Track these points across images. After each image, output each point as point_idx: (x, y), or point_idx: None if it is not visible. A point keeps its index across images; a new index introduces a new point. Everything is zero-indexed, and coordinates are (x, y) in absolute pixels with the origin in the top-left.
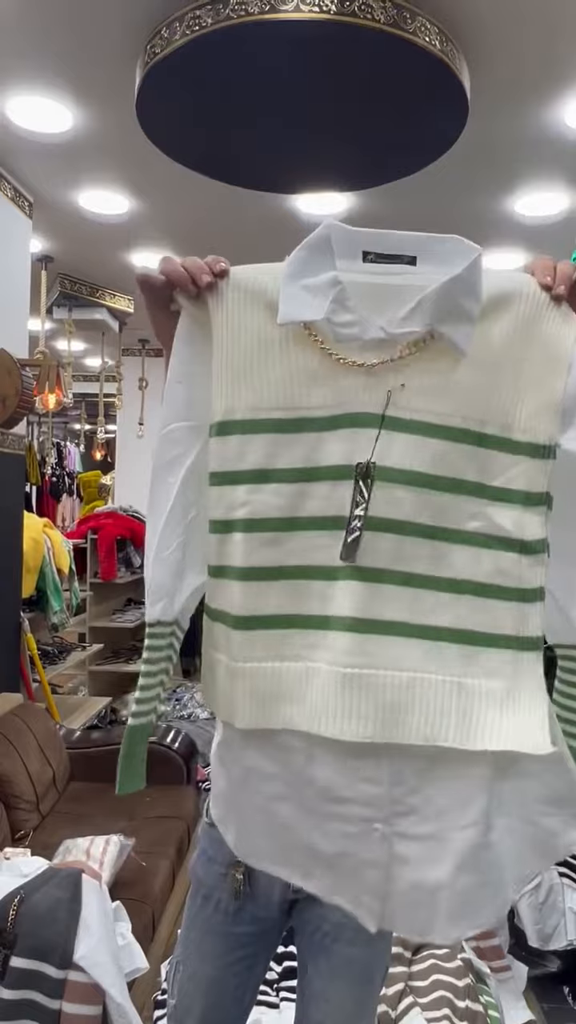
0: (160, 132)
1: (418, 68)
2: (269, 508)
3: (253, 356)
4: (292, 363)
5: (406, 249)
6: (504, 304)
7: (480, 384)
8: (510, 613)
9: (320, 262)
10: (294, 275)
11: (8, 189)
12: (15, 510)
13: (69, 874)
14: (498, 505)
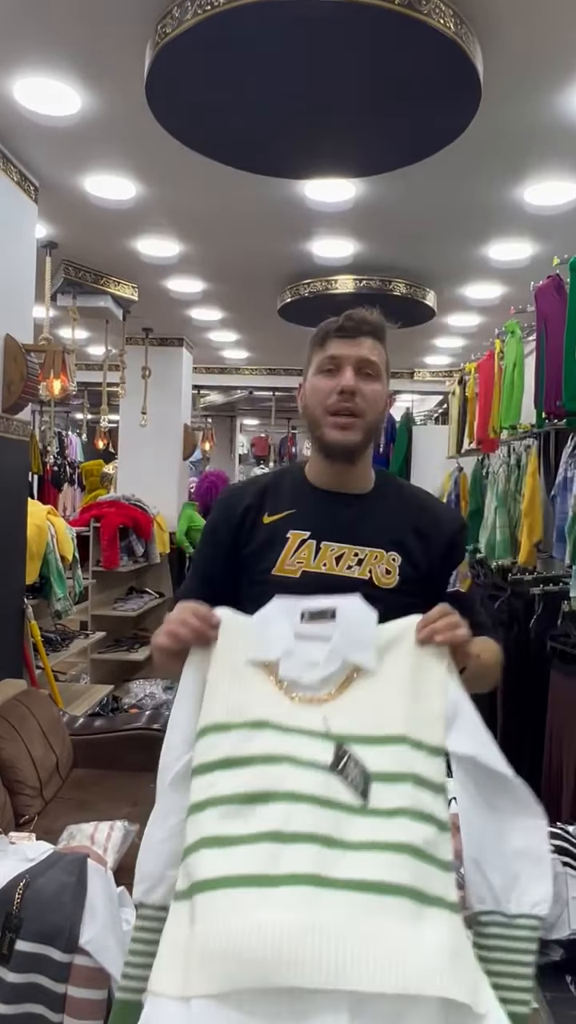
0: (169, 115)
1: (431, 51)
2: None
3: (231, 683)
4: (254, 690)
5: (329, 608)
6: (397, 644)
7: (390, 704)
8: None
9: (277, 619)
10: (260, 626)
11: (14, 173)
12: (19, 496)
13: (75, 859)
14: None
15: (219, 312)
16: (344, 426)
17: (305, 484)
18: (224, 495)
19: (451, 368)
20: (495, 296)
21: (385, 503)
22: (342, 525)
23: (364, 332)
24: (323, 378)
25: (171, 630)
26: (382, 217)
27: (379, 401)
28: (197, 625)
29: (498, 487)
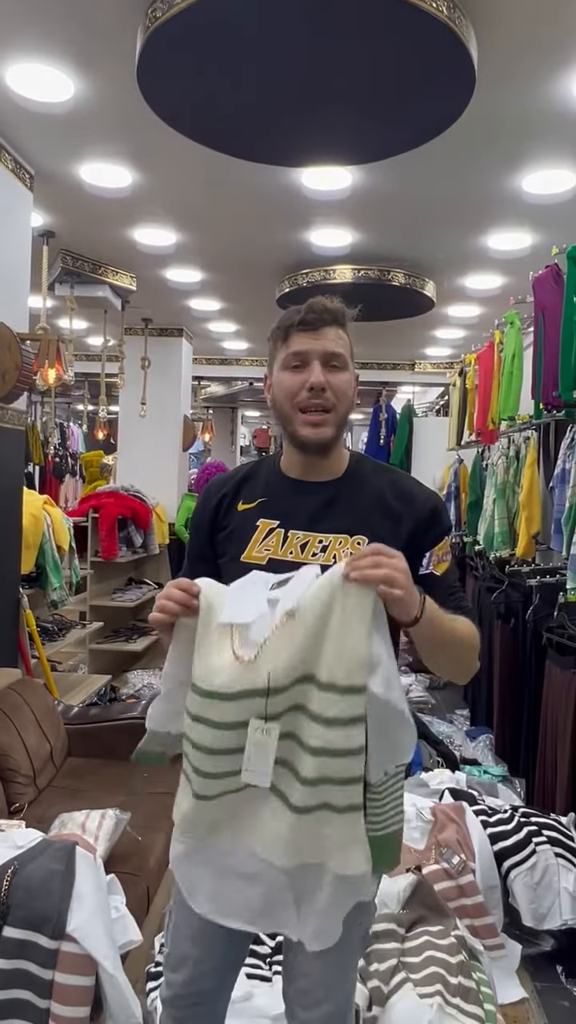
0: (161, 101)
1: (424, 35)
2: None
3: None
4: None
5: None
6: (325, 586)
7: (305, 644)
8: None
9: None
10: (236, 594)
11: (9, 161)
12: (15, 485)
13: (63, 846)
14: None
15: (218, 302)
16: (317, 423)
17: (278, 474)
18: (208, 485)
19: (452, 359)
20: (495, 286)
21: (354, 488)
22: (308, 513)
23: (326, 322)
24: (290, 374)
25: (160, 605)
26: (380, 206)
27: (348, 391)
28: (181, 596)
29: (497, 479)
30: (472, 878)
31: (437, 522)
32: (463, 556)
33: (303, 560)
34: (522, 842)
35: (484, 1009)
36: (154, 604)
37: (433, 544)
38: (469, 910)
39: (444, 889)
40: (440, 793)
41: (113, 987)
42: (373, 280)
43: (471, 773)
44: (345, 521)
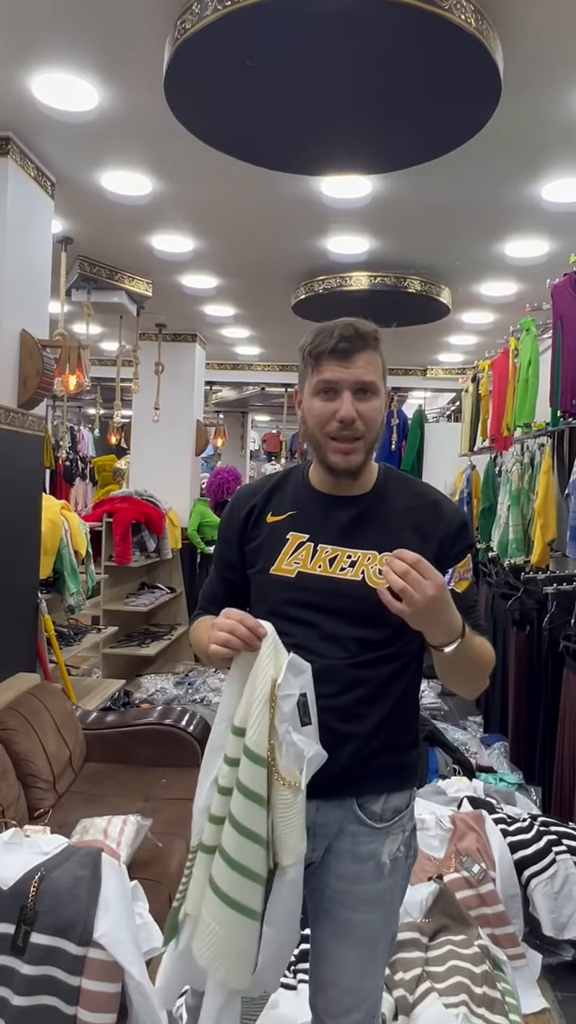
0: (187, 110)
1: (452, 46)
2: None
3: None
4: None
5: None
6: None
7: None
8: None
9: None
10: (291, 664)
11: (31, 168)
12: (34, 491)
13: (89, 852)
14: None
15: (233, 308)
16: (347, 451)
17: (307, 487)
18: (236, 494)
19: (465, 365)
20: (510, 293)
21: (383, 503)
22: (338, 528)
23: (358, 348)
24: (321, 401)
25: (224, 639)
26: (398, 214)
27: (378, 418)
28: (246, 634)
29: (511, 485)
30: (493, 887)
31: (464, 538)
32: (476, 562)
33: (331, 574)
34: (542, 851)
35: (509, 1019)
36: (214, 630)
37: (457, 560)
38: (490, 919)
39: (465, 898)
40: (458, 801)
41: (140, 994)
42: (389, 287)
43: (487, 781)
44: (375, 537)
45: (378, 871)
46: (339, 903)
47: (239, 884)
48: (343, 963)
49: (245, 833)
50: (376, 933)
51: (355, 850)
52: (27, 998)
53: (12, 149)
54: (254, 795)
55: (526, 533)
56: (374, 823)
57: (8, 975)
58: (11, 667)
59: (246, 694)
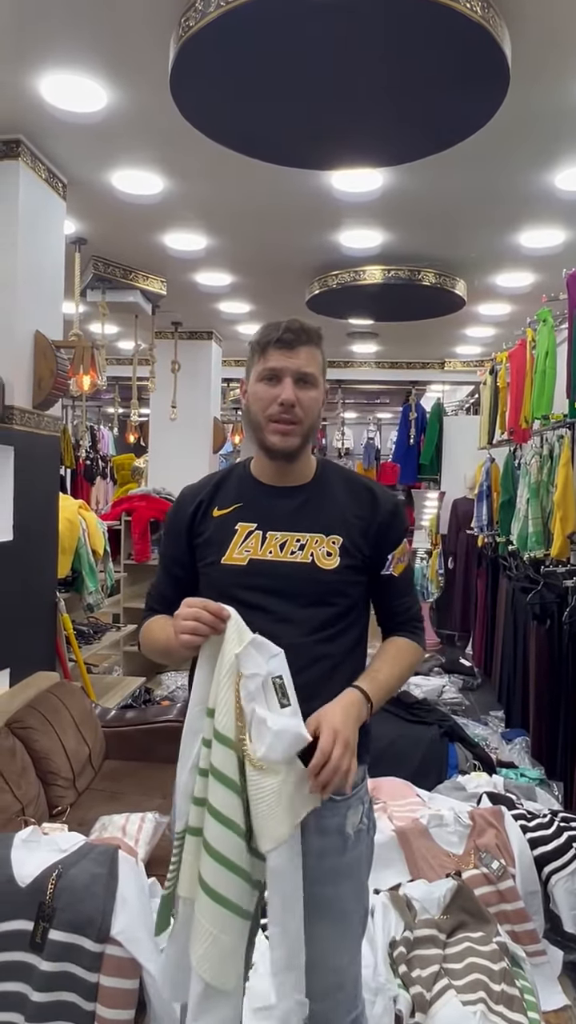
0: (194, 108)
1: (458, 36)
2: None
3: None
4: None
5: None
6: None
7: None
8: None
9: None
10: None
11: (42, 170)
12: (51, 491)
13: (106, 850)
14: None
15: (247, 305)
16: (284, 432)
17: (250, 479)
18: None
19: (482, 358)
20: (527, 284)
21: (325, 491)
22: (284, 514)
23: (302, 342)
24: (264, 386)
25: (192, 627)
26: (411, 206)
27: (315, 407)
28: (210, 619)
29: (530, 478)
30: (512, 883)
31: (398, 524)
32: (495, 556)
33: (282, 559)
34: (562, 847)
35: (528, 1017)
36: (178, 620)
37: (394, 546)
38: (510, 916)
39: (484, 894)
40: (478, 797)
41: (157, 991)
42: (403, 280)
43: (508, 776)
44: (321, 521)
45: (343, 843)
46: (309, 879)
47: (223, 877)
48: (320, 940)
49: (222, 820)
50: (348, 907)
51: (319, 824)
52: (46, 994)
53: (23, 152)
54: (227, 779)
55: (546, 526)
56: (335, 796)
57: (27, 971)
58: (30, 666)
59: (215, 677)
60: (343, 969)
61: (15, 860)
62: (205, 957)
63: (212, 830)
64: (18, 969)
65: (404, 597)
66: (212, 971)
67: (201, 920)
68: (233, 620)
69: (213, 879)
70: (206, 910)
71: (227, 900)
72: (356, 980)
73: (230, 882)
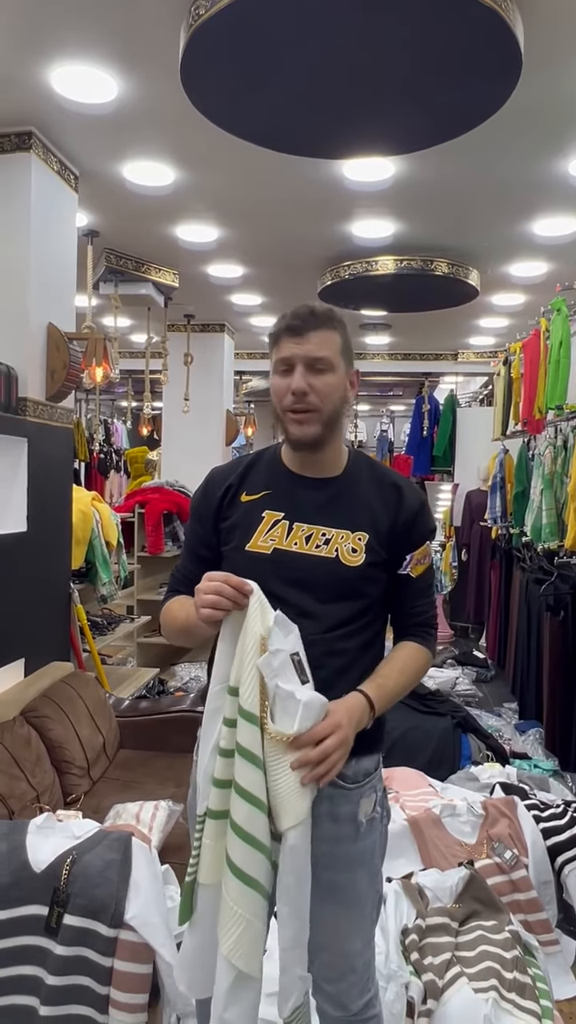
0: (205, 98)
1: (470, 21)
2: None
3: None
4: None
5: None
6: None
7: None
8: None
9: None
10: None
11: (54, 162)
12: (64, 482)
13: (119, 837)
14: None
15: (260, 296)
16: (301, 421)
17: (280, 467)
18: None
19: (496, 348)
20: (541, 273)
21: (354, 485)
22: (313, 507)
23: (311, 327)
24: (279, 378)
25: (213, 601)
26: (423, 195)
27: (333, 392)
28: (233, 593)
29: (544, 469)
30: (525, 873)
31: (421, 524)
32: (509, 548)
33: (307, 551)
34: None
35: (540, 1005)
36: (199, 596)
37: (415, 547)
38: (522, 905)
39: (497, 884)
40: (491, 787)
41: (170, 975)
42: (416, 270)
43: (521, 767)
44: (348, 517)
45: (356, 831)
46: (323, 865)
47: (252, 858)
48: (333, 926)
49: (250, 799)
50: (361, 893)
51: (333, 811)
52: (61, 978)
53: (35, 144)
54: (252, 756)
55: (560, 517)
56: (347, 785)
57: (43, 955)
58: (45, 656)
59: (238, 654)
60: (356, 953)
61: (30, 846)
62: (239, 944)
63: (240, 811)
64: (34, 953)
65: (420, 600)
66: (245, 958)
67: (233, 906)
68: (256, 595)
69: (243, 861)
70: (238, 894)
71: (257, 882)
72: (369, 964)
73: (259, 863)
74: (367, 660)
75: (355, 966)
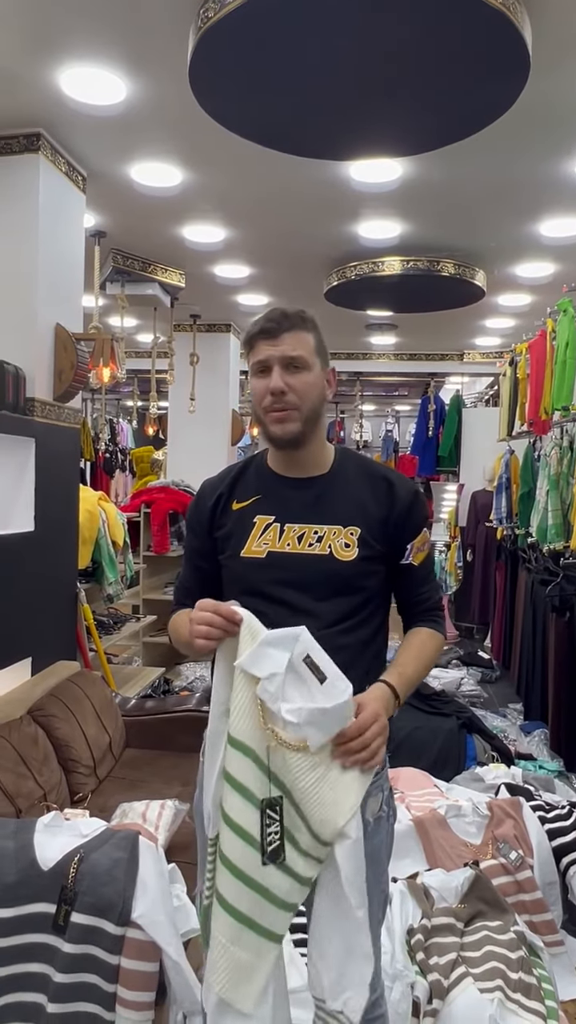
0: (212, 100)
1: (478, 22)
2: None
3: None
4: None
5: (323, 673)
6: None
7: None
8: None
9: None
10: (266, 642)
11: (62, 164)
12: (71, 482)
13: (127, 835)
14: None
15: (266, 297)
16: (281, 419)
17: (267, 472)
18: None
19: (502, 349)
20: (547, 274)
21: (342, 481)
22: (302, 506)
23: (284, 328)
24: (258, 380)
25: (204, 632)
26: (429, 196)
27: (311, 390)
28: (223, 623)
29: (550, 470)
30: (530, 874)
31: (416, 513)
32: (515, 548)
33: (300, 551)
34: None
35: (546, 1005)
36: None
37: (413, 536)
38: (528, 906)
39: (502, 884)
40: (496, 788)
41: (177, 973)
42: (422, 271)
43: (526, 768)
44: (338, 513)
45: (363, 830)
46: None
47: (232, 887)
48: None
49: (233, 827)
50: (369, 892)
51: None
52: (69, 975)
53: (43, 145)
54: (240, 787)
55: (565, 518)
56: (372, 820)
57: (50, 953)
58: (52, 655)
59: (233, 679)
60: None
61: (38, 844)
62: (215, 967)
63: (225, 838)
64: (41, 950)
65: (424, 586)
66: (222, 984)
67: (214, 930)
68: (246, 623)
69: (224, 888)
70: (218, 919)
71: (237, 912)
72: (376, 964)
73: (241, 893)
74: (369, 655)
75: None
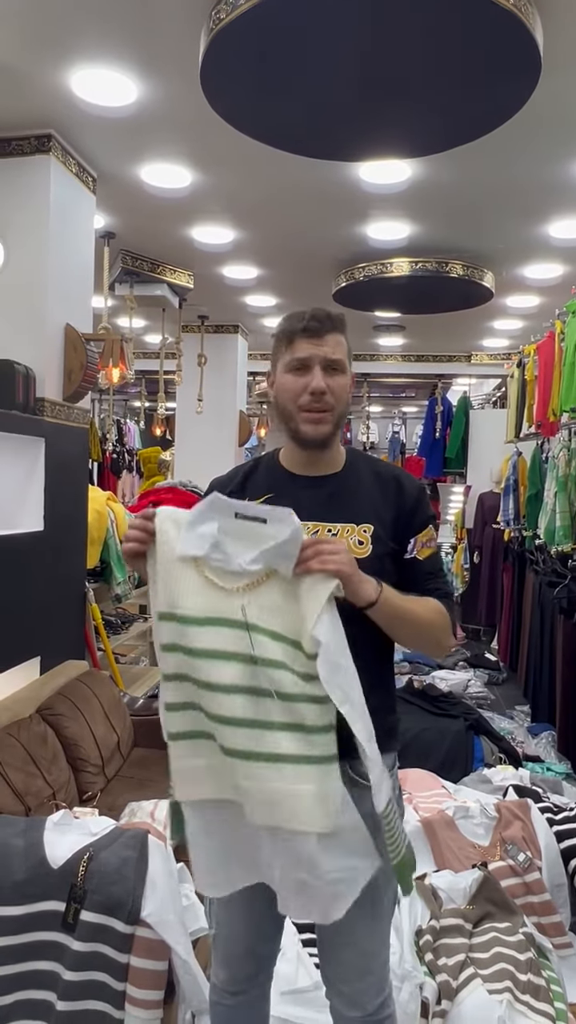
0: (223, 101)
1: (489, 24)
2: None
3: (168, 576)
4: (185, 581)
5: (260, 515)
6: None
7: (291, 611)
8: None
9: (208, 516)
10: (191, 524)
11: (73, 165)
12: (80, 482)
13: (136, 834)
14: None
15: (274, 298)
16: (317, 420)
17: (280, 470)
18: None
19: (510, 350)
20: (556, 275)
21: (355, 479)
22: (316, 504)
23: (328, 329)
24: (293, 377)
25: (127, 536)
26: (439, 197)
27: (344, 394)
28: (140, 523)
29: (558, 471)
30: (539, 875)
31: (422, 510)
32: (522, 550)
33: None
34: None
35: (555, 1007)
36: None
37: (418, 531)
38: (536, 907)
39: (510, 886)
40: (504, 790)
41: (186, 972)
42: (431, 272)
43: (534, 770)
44: (352, 510)
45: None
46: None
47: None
48: (352, 923)
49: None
50: (379, 891)
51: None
52: (78, 973)
53: (54, 146)
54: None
55: (573, 520)
56: (365, 782)
57: (60, 951)
58: (60, 654)
59: (165, 573)
60: (375, 953)
61: (47, 842)
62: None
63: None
64: (51, 948)
65: (432, 580)
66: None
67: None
68: (160, 515)
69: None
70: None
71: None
72: (385, 964)
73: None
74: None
75: (372, 967)
